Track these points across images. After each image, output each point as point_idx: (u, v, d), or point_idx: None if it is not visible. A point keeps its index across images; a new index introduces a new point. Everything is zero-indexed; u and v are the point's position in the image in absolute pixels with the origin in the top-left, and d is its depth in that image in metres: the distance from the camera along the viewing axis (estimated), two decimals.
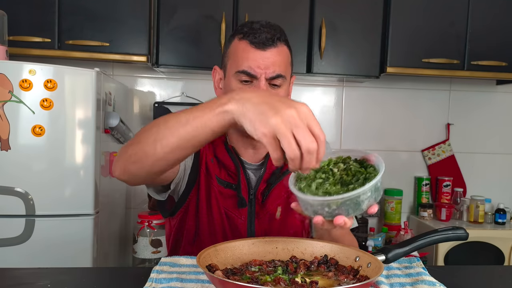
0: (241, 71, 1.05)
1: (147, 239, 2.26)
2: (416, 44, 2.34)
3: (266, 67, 1.05)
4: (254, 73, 1.05)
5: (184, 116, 0.78)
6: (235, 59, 1.08)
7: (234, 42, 1.09)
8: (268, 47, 1.05)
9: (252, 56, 1.05)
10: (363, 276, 0.77)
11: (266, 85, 1.06)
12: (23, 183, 1.71)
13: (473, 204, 2.57)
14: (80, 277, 0.92)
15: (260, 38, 1.04)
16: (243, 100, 0.71)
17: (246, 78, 1.06)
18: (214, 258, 0.80)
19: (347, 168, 0.79)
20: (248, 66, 1.05)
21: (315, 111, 2.67)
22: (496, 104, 2.81)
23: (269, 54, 1.05)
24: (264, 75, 1.05)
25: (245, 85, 1.07)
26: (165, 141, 0.78)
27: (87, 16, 2.12)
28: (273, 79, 1.06)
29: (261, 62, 1.04)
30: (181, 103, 2.52)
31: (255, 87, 1.06)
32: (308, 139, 0.66)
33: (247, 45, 1.05)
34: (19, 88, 1.68)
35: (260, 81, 1.05)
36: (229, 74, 1.09)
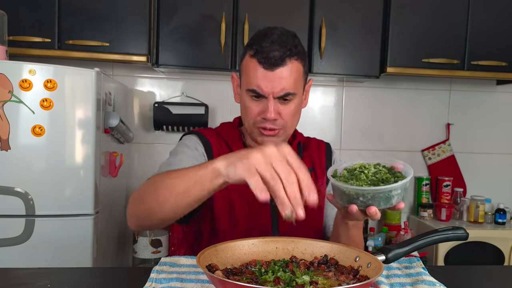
0: (251, 89, 1.09)
1: (147, 239, 2.27)
2: (416, 44, 2.34)
3: (273, 87, 1.07)
4: (262, 93, 1.07)
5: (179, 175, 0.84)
6: (246, 76, 1.11)
7: (246, 57, 1.11)
8: (277, 67, 1.06)
9: (260, 76, 1.06)
10: (363, 276, 0.77)
11: (274, 103, 1.08)
12: (23, 183, 1.71)
13: (473, 204, 2.57)
14: (80, 277, 0.92)
15: (268, 58, 1.05)
16: (229, 155, 0.77)
17: (255, 95, 1.09)
18: (214, 258, 0.79)
19: (376, 173, 0.87)
20: (257, 85, 1.07)
21: (315, 111, 2.68)
22: (496, 104, 2.81)
23: (277, 74, 1.06)
24: (272, 94, 1.07)
25: (256, 101, 1.10)
26: (165, 200, 0.85)
27: (87, 16, 2.12)
28: (281, 97, 1.08)
29: (269, 83, 1.06)
30: (181, 103, 2.52)
31: (264, 104, 1.09)
32: (286, 170, 0.70)
33: (256, 64, 1.07)
34: (19, 88, 1.68)
35: (269, 100, 1.08)
36: (243, 89, 1.13)
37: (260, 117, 1.10)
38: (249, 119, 1.12)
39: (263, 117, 1.09)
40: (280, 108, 1.09)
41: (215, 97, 2.55)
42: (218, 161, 0.77)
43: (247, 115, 1.12)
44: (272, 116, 1.08)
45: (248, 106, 1.11)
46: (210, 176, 0.77)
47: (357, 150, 2.72)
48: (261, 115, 1.09)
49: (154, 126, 2.49)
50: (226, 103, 2.56)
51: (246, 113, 1.13)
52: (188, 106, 2.51)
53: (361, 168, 0.89)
